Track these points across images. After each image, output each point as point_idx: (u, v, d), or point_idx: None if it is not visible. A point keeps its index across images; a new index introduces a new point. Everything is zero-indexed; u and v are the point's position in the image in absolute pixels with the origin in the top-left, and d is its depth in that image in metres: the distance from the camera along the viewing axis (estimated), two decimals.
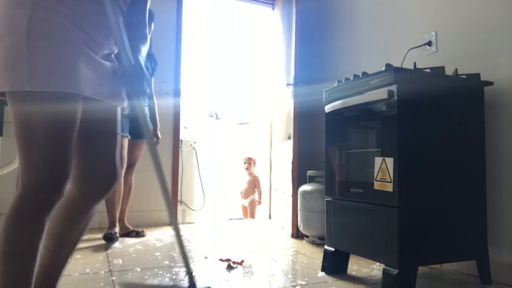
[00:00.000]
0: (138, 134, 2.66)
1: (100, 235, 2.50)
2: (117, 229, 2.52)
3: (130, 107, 2.52)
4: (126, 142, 2.54)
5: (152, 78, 2.80)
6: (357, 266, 1.97)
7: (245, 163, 4.43)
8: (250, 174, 4.51)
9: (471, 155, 1.71)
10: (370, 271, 1.89)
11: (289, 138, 2.98)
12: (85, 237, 2.54)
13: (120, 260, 2.01)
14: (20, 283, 0.96)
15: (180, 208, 3.27)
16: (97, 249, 2.25)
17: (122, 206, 2.69)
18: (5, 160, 2.39)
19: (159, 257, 2.09)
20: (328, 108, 1.94)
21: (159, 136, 2.82)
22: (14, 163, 2.26)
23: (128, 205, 2.73)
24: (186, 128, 3.65)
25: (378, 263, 1.97)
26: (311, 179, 2.73)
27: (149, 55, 2.79)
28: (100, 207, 2.91)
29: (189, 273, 1.35)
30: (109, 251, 2.21)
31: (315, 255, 2.22)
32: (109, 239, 2.40)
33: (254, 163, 4.52)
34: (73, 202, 1.12)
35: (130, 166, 2.70)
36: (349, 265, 1.88)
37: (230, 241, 2.70)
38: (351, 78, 1.81)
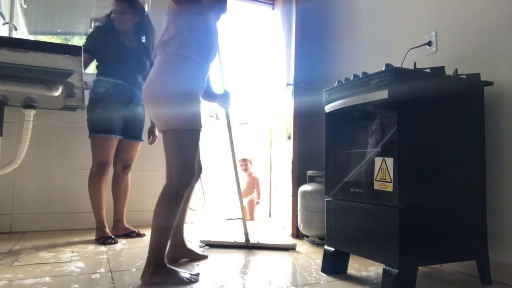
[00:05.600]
0: (133, 134, 2.65)
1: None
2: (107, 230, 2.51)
3: (128, 108, 2.55)
4: (115, 143, 2.52)
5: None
6: (357, 266, 1.98)
7: (241, 165, 4.45)
8: (249, 174, 4.51)
9: (471, 155, 1.71)
10: (370, 271, 1.89)
11: (289, 138, 2.98)
12: (86, 237, 2.55)
13: (120, 260, 2.01)
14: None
15: None
16: (97, 249, 2.25)
17: (120, 207, 2.68)
18: (5, 160, 2.39)
19: None
20: (328, 108, 1.94)
21: (156, 134, 2.81)
22: (14, 163, 2.26)
23: (126, 206, 2.72)
24: None
25: (378, 263, 1.98)
26: (311, 179, 2.73)
27: (145, 49, 2.75)
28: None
29: (246, 233, 2.40)
30: (109, 251, 2.21)
31: (315, 255, 2.22)
32: (107, 243, 2.40)
33: (251, 163, 4.52)
34: (192, 187, 1.98)
35: (126, 166, 2.68)
36: (349, 265, 1.88)
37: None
38: (351, 78, 1.81)
